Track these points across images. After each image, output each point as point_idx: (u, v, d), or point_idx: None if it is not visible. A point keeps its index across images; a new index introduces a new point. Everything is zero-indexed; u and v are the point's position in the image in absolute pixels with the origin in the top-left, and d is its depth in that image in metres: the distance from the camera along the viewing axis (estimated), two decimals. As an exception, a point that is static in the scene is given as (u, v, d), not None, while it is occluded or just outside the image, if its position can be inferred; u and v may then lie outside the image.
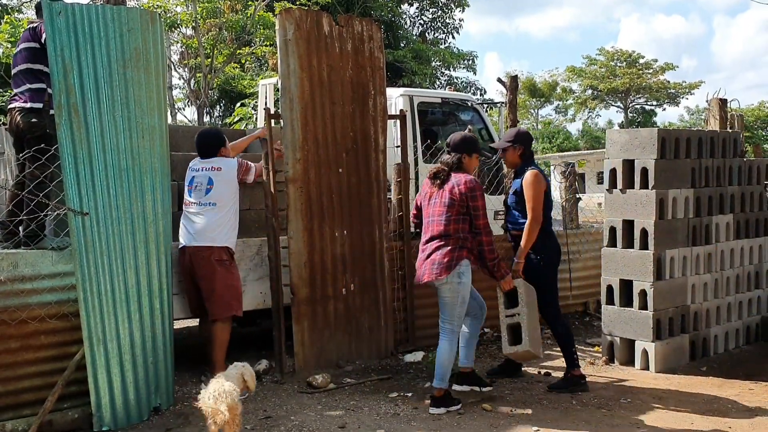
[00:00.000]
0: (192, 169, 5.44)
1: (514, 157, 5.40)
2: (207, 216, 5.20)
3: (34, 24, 4.89)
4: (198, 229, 5.20)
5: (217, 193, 5.25)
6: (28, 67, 4.85)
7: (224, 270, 5.19)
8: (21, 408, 4.36)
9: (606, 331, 6.08)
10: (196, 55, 20.05)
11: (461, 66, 25.04)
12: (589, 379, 5.52)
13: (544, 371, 5.77)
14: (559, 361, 6.10)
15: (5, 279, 4.29)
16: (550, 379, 5.58)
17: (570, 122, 59.68)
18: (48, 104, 4.75)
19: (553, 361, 6.12)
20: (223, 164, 5.37)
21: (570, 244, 7.54)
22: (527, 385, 5.45)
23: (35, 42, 4.83)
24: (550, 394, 5.20)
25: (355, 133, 5.96)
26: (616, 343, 6.00)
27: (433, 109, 8.99)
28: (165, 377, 4.85)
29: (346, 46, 5.91)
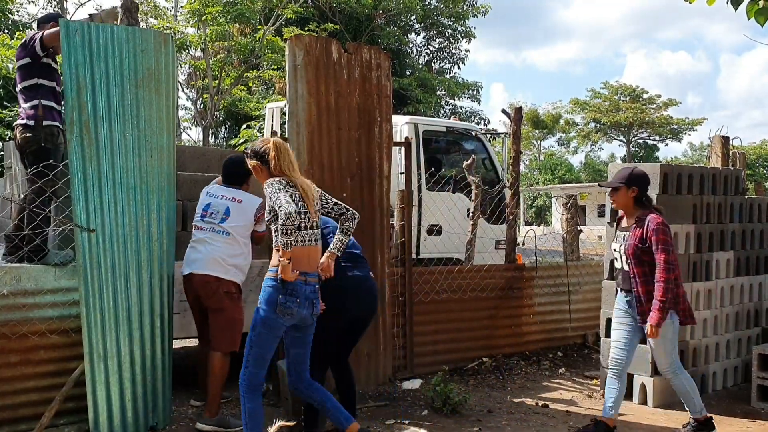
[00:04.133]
0: (210, 194, 5.03)
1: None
2: (218, 245, 4.83)
3: (24, 39, 5.01)
4: (208, 256, 4.84)
5: (232, 224, 4.87)
6: (26, 84, 4.96)
7: (232, 304, 4.89)
8: (18, 423, 4.36)
9: (605, 364, 6.06)
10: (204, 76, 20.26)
11: (466, 96, 25.28)
12: (586, 412, 5.52)
13: (542, 403, 5.75)
14: (556, 393, 6.10)
15: (8, 293, 4.31)
16: (548, 411, 5.56)
17: (572, 154, 59.98)
18: (42, 118, 4.82)
19: (550, 392, 6.11)
20: (245, 198, 4.97)
21: (570, 276, 7.57)
22: (524, 416, 5.44)
23: (27, 57, 4.93)
24: (547, 425, 5.18)
25: (360, 159, 6.02)
26: (615, 377, 5.98)
27: (438, 137, 9.08)
28: (163, 397, 4.84)
29: (354, 73, 5.99)
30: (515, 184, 7.24)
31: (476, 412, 5.46)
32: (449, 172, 8.99)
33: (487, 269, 6.92)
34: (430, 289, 6.45)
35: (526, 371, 6.79)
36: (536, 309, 7.36)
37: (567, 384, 6.47)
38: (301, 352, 4.15)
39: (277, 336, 4.01)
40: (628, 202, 4.83)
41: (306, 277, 3.93)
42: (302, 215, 3.94)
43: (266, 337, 3.96)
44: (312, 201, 4.01)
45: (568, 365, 7.11)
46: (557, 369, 6.95)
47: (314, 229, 4.04)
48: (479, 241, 7.59)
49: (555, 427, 5.18)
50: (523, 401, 5.81)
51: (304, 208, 3.96)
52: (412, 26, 24.77)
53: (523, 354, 7.21)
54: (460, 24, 24.85)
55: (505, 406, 5.68)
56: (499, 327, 7.07)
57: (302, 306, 3.91)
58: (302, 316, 3.95)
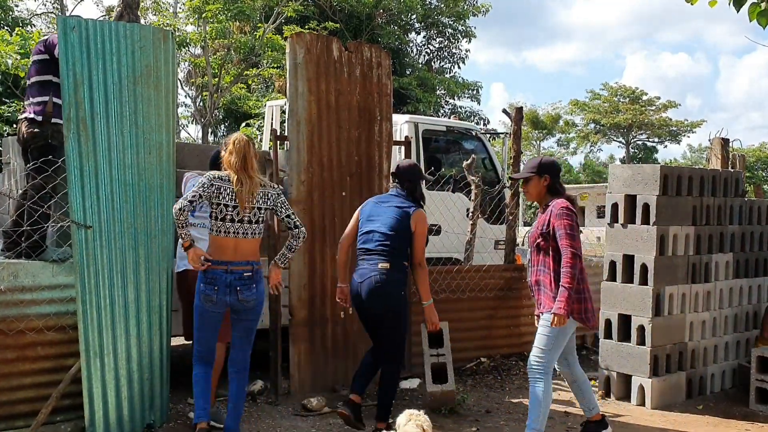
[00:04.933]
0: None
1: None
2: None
3: (46, 37, 4.96)
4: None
5: None
6: (37, 79, 4.92)
7: None
8: (14, 419, 4.34)
9: (603, 365, 6.06)
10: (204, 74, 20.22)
11: (466, 95, 25.23)
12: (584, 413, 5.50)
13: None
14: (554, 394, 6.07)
15: (5, 289, 4.29)
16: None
17: (572, 155, 59.99)
18: (51, 114, 4.80)
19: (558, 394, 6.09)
20: None
21: (569, 277, 7.54)
22: (522, 416, 5.42)
23: (46, 53, 4.90)
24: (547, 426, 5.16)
25: (360, 158, 6.00)
26: (613, 378, 5.98)
27: (438, 136, 9.06)
28: (160, 394, 4.83)
29: (355, 72, 5.97)
30: (515, 184, 7.22)
31: (474, 413, 5.45)
32: (449, 172, 8.97)
33: (486, 269, 6.90)
34: (428, 289, 6.42)
35: (524, 372, 6.75)
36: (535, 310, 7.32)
37: (565, 385, 6.43)
38: (238, 335, 4.43)
39: (210, 319, 4.35)
40: (540, 191, 4.64)
41: (228, 266, 4.20)
42: (229, 208, 4.20)
43: (199, 321, 4.37)
44: (245, 197, 4.21)
45: (567, 366, 7.08)
46: (555, 370, 6.91)
47: (244, 223, 4.25)
48: (478, 241, 7.57)
49: (553, 427, 5.17)
50: (521, 401, 5.80)
51: (232, 202, 4.21)
52: (413, 25, 24.74)
53: (522, 354, 7.17)
54: (460, 23, 24.81)
55: (504, 407, 5.67)
56: (498, 327, 7.05)
57: (222, 293, 4.20)
58: (226, 302, 4.24)
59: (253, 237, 4.30)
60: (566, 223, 4.37)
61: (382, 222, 4.80)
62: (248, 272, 4.24)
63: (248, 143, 4.32)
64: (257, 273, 4.28)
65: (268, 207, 4.32)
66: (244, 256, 4.24)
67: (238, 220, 4.23)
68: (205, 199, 4.22)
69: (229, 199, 4.21)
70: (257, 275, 4.28)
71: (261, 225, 4.33)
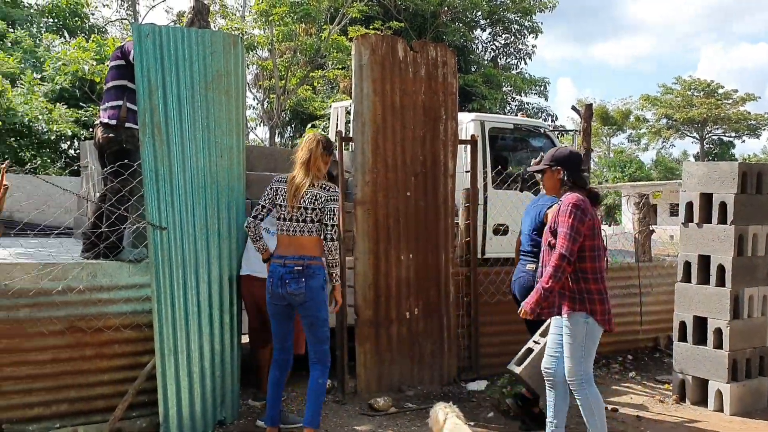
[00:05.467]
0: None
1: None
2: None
3: (123, 43, 5.14)
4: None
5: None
6: (113, 84, 5.09)
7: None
8: (92, 414, 4.51)
9: (677, 368, 5.86)
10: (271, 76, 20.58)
11: (532, 92, 24.88)
12: (658, 418, 5.35)
13: (611, 407, 5.60)
14: (626, 397, 5.93)
15: (84, 288, 4.46)
16: (617, 415, 5.41)
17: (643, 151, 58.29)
18: (124, 119, 4.95)
19: (620, 396, 5.95)
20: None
21: (642, 277, 7.34)
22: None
23: (122, 59, 5.07)
24: (616, 430, 5.04)
25: (424, 157, 5.98)
26: (688, 382, 5.78)
27: (505, 134, 8.94)
28: (231, 391, 4.93)
29: (420, 71, 5.96)
30: (584, 183, 7.06)
31: (543, 414, 5.35)
32: (516, 170, 8.85)
33: (554, 270, 6.76)
34: (496, 290, 6.36)
35: (594, 374, 6.58)
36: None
37: (637, 388, 6.29)
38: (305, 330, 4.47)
39: (273, 313, 4.46)
40: (555, 184, 4.42)
41: (283, 260, 4.32)
42: (283, 208, 4.38)
43: (270, 315, 4.51)
44: (292, 197, 4.33)
45: (639, 369, 6.90)
46: (627, 373, 6.76)
47: (293, 221, 4.35)
48: (547, 240, 7.43)
49: (624, 429, 5.03)
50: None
51: (284, 202, 4.37)
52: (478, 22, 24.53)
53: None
54: (526, 19, 24.49)
55: (574, 409, 5.53)
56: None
57: (276, 285, 4.32)
58: (279, 294, 4.33)
59: (304, 235, 4.35)
60: (569, 222, 4.07)
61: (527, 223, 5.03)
62: (299, 266, 4.29)
63: (317, 142, 4.39)
64: (309, 268, 4.30)
65: (316, 208, 4.33)
66: (297, 251, 4.33)
67: (288, 219, 4.36)
68: (268, 207, 4.44)
69: (282, 200, 4.39)
70: (308, 270, 4.30)
71: (312, 224, 4.34)
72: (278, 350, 4.55)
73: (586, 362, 4.22)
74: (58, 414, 4.40)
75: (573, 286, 4.16)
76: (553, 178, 4.42)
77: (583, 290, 4.15)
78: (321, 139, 4.45)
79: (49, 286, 4.35)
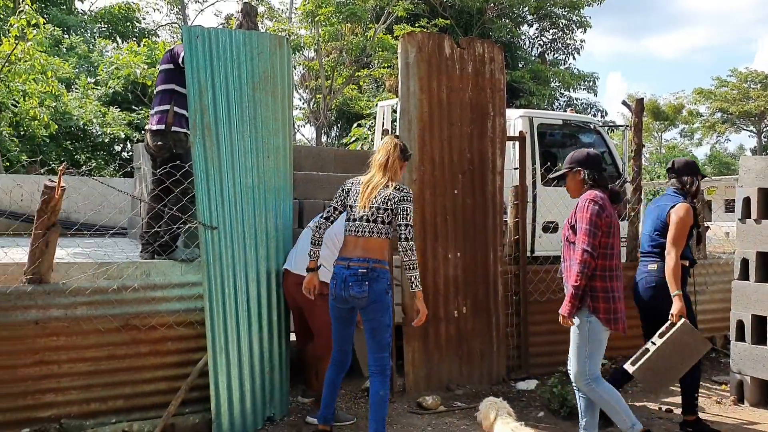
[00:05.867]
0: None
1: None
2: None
3: (173, 47, 5.24)
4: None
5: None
6: (162, 88, 5.19)
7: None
8: (147, 410, 4.59)
9: (735, 369, 5.69)
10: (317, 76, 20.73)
11: (581, 87, 24.52)
12: (716, 419, 5.21)
13: (665, 408, 5.47)
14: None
15: (138, 286, 4.55)
16: (672, 416, 5.28)
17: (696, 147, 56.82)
18: (171, 124, 5.04)
19: (675, 397, 5.80)
20: None
21: (696, 275, 7.14)
22: (647, 420, 5.19)
23: (171, 63, 5.16)
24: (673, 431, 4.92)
25: (472, 155, 5.94)
26: (747, 383, 5.60)
27: (554, 130, 8.82)
28: (280, 388, 4.98)
29: (467, 68, 5.91)
30: (637, 178, 6.91)
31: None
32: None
33: (605, 268, 6.63)
34: (546, 288, 6.27)
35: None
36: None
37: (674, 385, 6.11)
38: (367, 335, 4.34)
39: (336, 316, 4.39)
40: (578, 186, 4.38)
41: (347, 263, 4.23)
42: (354, 208, 4.30)
43: (332, 318, 4.43)
44: (365, 197, 4.25)
45: (694, 369, 6.71)
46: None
47: (362, 221, 4.25)
48: (598, 238, 7.28)
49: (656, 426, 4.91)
50: (645, 405, 5.55)
51: (355, 203, 4.29)
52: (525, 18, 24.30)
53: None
54: (574, 14, 24.13)
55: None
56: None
57: (339, 288, 4.23)
58: (342, 297, 4.24)
59: (372, 236, 4.24)
60: (587, 217, 4.10)
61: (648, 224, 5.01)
62: (363, 269, 4.18)
63: (395, 145, 4.35)
64: (373, 271, 4.19)
65: (389, 208, 4.23)
66: (362, 253, 4.23)
67: (357, 219, 4.26)
68: (340, 209, 4.38)
69: (354, 201, 4.31)
70: (373, 273, 4.19)
71: (383, 226, 4.23)
72: (337, 351, 4.48)
73: (591, 362, 4.21)
74: (114, 409, 4.50)
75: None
76: (575, 180, 4.40)
77: (587, 287, 4.12)
78: (399, 143, 4.39)
79: (104, 285, 4.46)
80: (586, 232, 4.08)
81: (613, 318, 4.17)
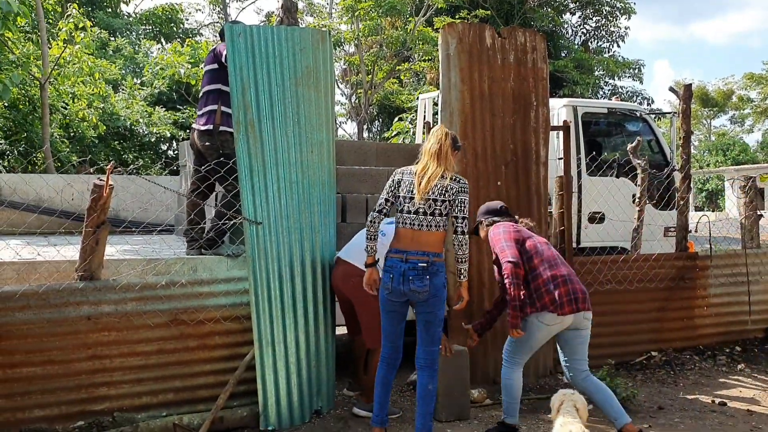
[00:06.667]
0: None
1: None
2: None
3: (216, 46, 5.29)
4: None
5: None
6: (208, 89, 5.24)
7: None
8: (196, 403, 4.67)
9: (793, 362, 5.52)
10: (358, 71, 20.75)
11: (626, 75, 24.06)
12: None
13: (719, 401, 5.34)
14: (735, 391, 5.64)
15: (186, 282, 4.63)
16: (725, 409, 5.15)
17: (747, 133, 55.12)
18: (219, 124, 5.09)
19: (728, 390, 5.66)
20: None
21: (749, 265, 6.95)
22: (699, 413, 5.07)
23: (215, 63, 5.21)
24: (725, 425, 4.79)
25: (515, 146, 5.87)
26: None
27: (598, 119, 8.66)
28: (326, 381, 5.01)
29: (509, 58, 5.84)
30: (686, 167, 6.75)
31: (645, 408, 5.17)
32: (612, 156, 8.55)
33: (655, 258, 6.51)
34: (592, 280, 6.16)
35: (699, 367, 6.33)
36: (711, 300, 6.83)
37: (747, 381, 5.97)
38: (420, 329, 4.28)
39: (389, 310, 4.29)
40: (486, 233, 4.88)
41: (404, 255, 4.13)
42: (407, 200, 4.19)
43: (383, 312, 4.33)
44: (423, 189, 4.13)
45: (748, 361, 6.54)
46: (735, 365, 6.42)
47: (419, 215, 4.16)
48: (646, 228, 7.14)
49: (735, 426, 4.80)
50: (697, 398, 5.43)
51: (410, 194, 4.19)
52: (567, 6, 23.90)
53: (697, 348, 6.72)
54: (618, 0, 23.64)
55: (677, 403, 5.33)
56: (670, 320, 6.63)
57: (397, 282, 4.13)
58: (400, 291, 4.14)
59: (431, 230, 4.14)
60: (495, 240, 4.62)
61: None
62: (423, 263, 4.09)
63: (445, 134, 4.22)
64: (433, 265, 4.11)
65: (446, 200, 4.12)
66: (420, 247, 4.13)
67: (414, 212, 4.14)
68: (392, 200, 4.25)
69: (407, 191, 4.19)
70: (433, 267, 4.11)
71: (440, 218, 4.14)
72: (389, 348, 4.35)
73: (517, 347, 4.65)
74: (165, 403, 4.59)
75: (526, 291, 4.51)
76: (483, 231, 4.93)
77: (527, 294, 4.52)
78: (451, 133, 4.28)
79: (153, 281, 4.54)
80: (502, 249, 4.50)
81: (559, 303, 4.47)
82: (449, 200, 4.12)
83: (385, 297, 4.25)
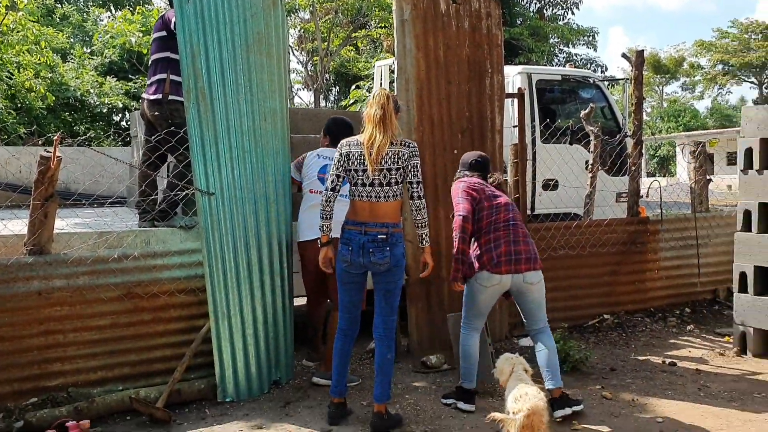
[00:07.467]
0: (324, 157, 5.11)
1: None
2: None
3: (164, 13, 5.14)
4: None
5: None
6: (157, 57, 5.11)
7: None
8: (153, 377, 4.64)
9: (738, 320, 5.71)
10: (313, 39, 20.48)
11: (581, 42, 24.22)
12: (718, 371, 5.24)
13: (669, 361, 5.50)
14: (685, 351, 5.82)
15: (139, 255, 4.55)
16: (675, 369, 5.32)
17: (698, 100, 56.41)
18: (168, 93, 4.97)
19: (678, 350, 5.84)
20: None
21: (699, 228, 7.13)
22: (650, 374, 5.22)
23: (164, 30, 5.07)
24: (675, 384, 4.95)
25: (470, 113, 5.87)
26: (749, 334, 5.63)
27: (553, 87, 8.72)
28: (285, 352, 5.01)
29: (463, 24, 5.81)
30: (638, 133, 6.85)
31: (598, 370, 5.30)
32: (565, 123, 8.64)
33: (607, 224, 6.64)
34: (546, 246, 6.25)
35: (651, 328, 6.51)
36: (661, 264, 7.01)
37: (696, 341, 6.16)
38: (378, 299, 4.28)
39: (347, 281, 4.27)
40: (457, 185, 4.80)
41: (362, 228, 4.11)
42: (359, 173, 4.12)
43: (339, 284, 4.31)
44: (374, 159, 4.07)
45: (697, 322, 6.75)
46: (685, 326, 6.61)
47: (375, 186, 4.10)
48: (599, 194, 7.27)
49: (684, 385, 4.95)
50: (648, 359, 5.58)
51: (362, 166, 4.11)
52: (522, -27, 23.86)
53: (648, 311, 6.91)
54: (573, -33, 23.71)
55: (629, 364, 5.48)
56: (621, 283, 6.79)
57: (356, 254, 4.11)
58: (360, 263, 4.12)
59: (388, 200, 4.11)
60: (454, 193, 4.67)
61: None
62: (383, 235, 4.08)
63: (387, 97, 4.13)
64: (393, 236, 4.10)
65: (400, 167, 4.09)
66: (379, 218, 4.10)
67: (369, 184, 4.09)
68: (343, 175, 4.18)
69: (358, 164, 4.11)
70: (392, 238, 4.10)
71: (396, 186, 4.11)
72: (347, 320, 4.32)
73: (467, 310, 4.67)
74: (121, 377, 4.55)
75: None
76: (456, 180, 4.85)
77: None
78: (392, 95, 4.21)
79: (105, 254, 4.45)
80: (456, 203, 4.56)
81: (496, 262, 4.45)
82: (403, 167, 4.10)
83: (343, 269, 4.22)
